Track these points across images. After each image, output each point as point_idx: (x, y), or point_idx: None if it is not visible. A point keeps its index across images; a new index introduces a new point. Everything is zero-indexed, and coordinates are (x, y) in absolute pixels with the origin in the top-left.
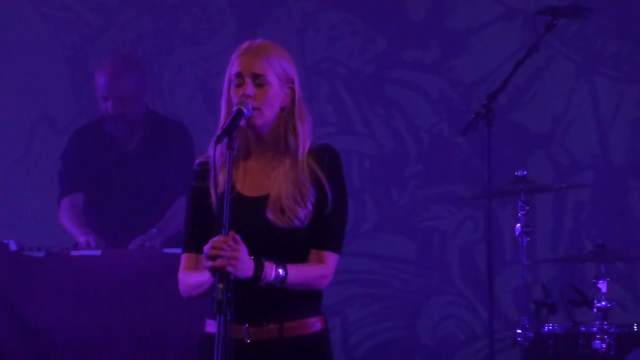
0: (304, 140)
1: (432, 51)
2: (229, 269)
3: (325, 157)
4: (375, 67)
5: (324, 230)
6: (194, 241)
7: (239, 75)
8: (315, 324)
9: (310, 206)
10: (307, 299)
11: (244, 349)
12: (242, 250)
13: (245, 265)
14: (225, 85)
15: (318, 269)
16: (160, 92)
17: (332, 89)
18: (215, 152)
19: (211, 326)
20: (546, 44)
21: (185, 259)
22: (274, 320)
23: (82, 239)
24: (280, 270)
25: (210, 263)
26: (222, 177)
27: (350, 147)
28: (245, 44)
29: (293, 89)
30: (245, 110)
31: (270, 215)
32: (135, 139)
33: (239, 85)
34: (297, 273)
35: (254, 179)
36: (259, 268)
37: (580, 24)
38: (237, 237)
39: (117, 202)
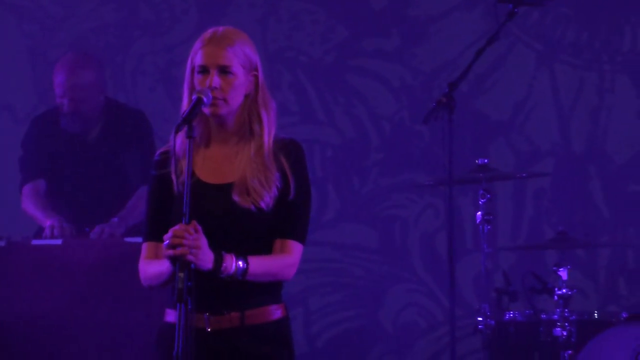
0: (269, 126)
1: (393, 39)
2: (190, 257)
3: (293, 153)
4: (337, 55)
5: (288, 220)
6: (154, 230)
7: (203, 66)
8: (276, 311)
9: (275, 190)
10: (267, 287)
11: (205, 337)
12: (203, 240)
13: (205, 256)
14: (187, 74)
15: (282, 259)
16: (122, 82)
17: (294, 77)
18: (175, 141)
19: (170, 315)
20: (507, 32)
21: (146, 247)
22: (235, 309)
23: (47, 223)
24: (241, 263)
25: (170, 252)
26: (182, 166)
27: (312, 136)
28: (209, 33)
29: (256, 76)
30: (204, 99)
31: (236, 197)
32: (95, 129)
33: (204, 76)
34: (258, 264)
35: (216, 166)
36: (218, 260)
37: (540, 12)
38: (199, 227)
39: (77, 191)
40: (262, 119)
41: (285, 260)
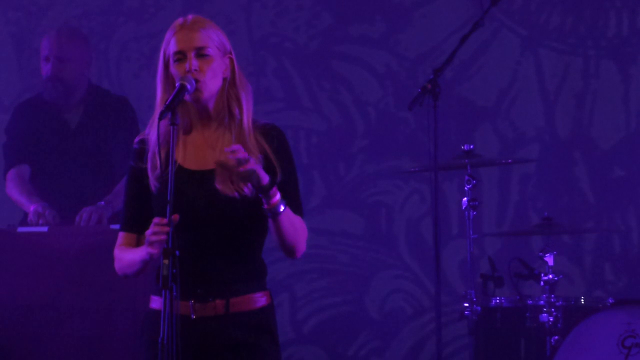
0: (247, 107)
1: (378, 25)
2: (252, 167)
3: (274, 135)
4: (322, 42)
5: (288, 200)
6: (131, 220)
7: (180, 52)
8: (260, 298)
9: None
10: (252, 274)
11: (190, 324)
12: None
13: (262, 173)
14: (160, 65)
15: (302, 223)
16: (106, 69)
17: (279, 64)
18: (158, 130)
19: (155, 302)
20: (491, 17)
21: (122, 236)
22: (219, 296)
23: (31, 208)
24: (282, 204)
25: (154, 238)
26: (162, 155)
27: (298, 123)
28: (179, 21)
29: (232, 60)
30: (188, 86)
31: (219, 185)
32: (77, 114)
33: (181, 62)
34: (291, 214)
35: (197, 152)
36: (272, 181)
37: None
38: (244, 153)
39: (61, 177)
40: (242, 101)
41: (303, 225)
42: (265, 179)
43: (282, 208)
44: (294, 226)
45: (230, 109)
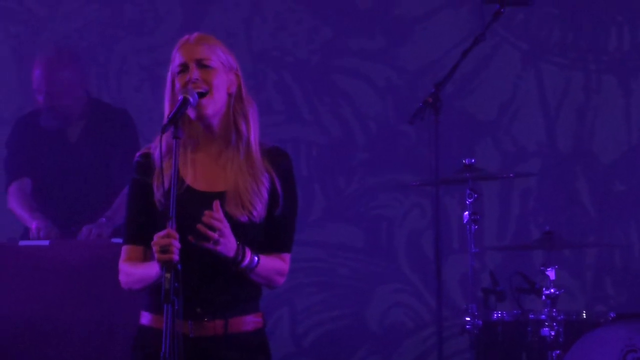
0: (254, 125)
1: (379, 39)
2: (214, 246)
3: (281, 161)
4: (322, 55)
5: (279, 234)
6: (135, 233)
7: (183, 64)
8: (256, 319)
9: (265, 194)
10: (250, 296)
11: (188, 343)
12: (228, 228)
13: (229, 244)
14: (168, 83)
15: (279, 265)
16: (106, 82)
17: (279, 77)
18: (161, 143)
19: (145, 318)
20: (493, 32)
21: (126, 250)
22: (219, 317)
23: (33, 225)
24: (255, 258)
25: (164, 256)
26: (167, 172)
27: (298, 136)
28: (184, 38)
29: (238, 76)
30: (191, 99)
31: (230, 209)
32: (78, 128)
33: (183, 73)
34: (265, 264)
35: (206, 173)
36: (239, 252)
37: (526, 12)
38: (222, 215)
39: (63, 192)
40: (249, 117)
41: (281, 266)
42: (229, 252)
43: (254, 264)
44: (268, 273)
45: (237, 125)
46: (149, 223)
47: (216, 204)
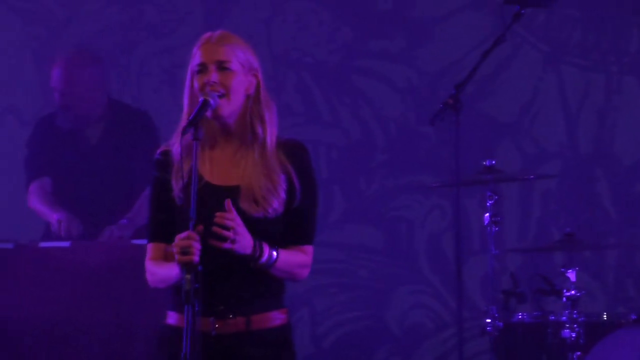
0: (271, 127)
1: (399, 40)
2: (230, 245)
3: (297, 153)
4: (342, 57)
5: (299, 225)
6: (159, 231)
7: (202, 64)
8: (279, 316)
9: (282, 193)
10: (273, 292)
11: (211, 341)
12: (243, 226)
13: (245, 241)
14: (187, 80)
15: (301, 257)
16: (126, 84)
17: (299, 79)
18: (181, 144)
19: (172, 318)
20: (513, 33)
21: (151, 248)
22: (241, 314)
23: (54, 217)
24: (274, 253)
25: (184, 258)
26: (186, 168)
27: (318, 137)
28: (206, 35)
29: (257, 77)
30: (211, 101)
31: (244, 205)
32: (98, 129)
33: (202, 74)
34: (285, 258)
35: (221, 168)
36: (257, 246)
37: (546, 13)
38: (235, 213)
39: (83, 193)
40: (265, 119)
41: (303, 259)
42: (246, 249)
43: (273, 259)
44: (290, 268)
45: (253, 127)
46: (171, 220)
47: (228, 202)
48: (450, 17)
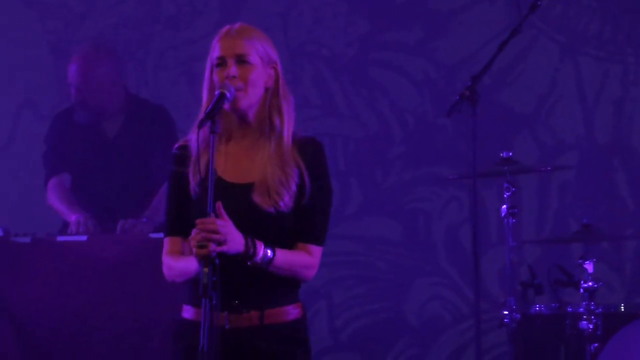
0: (289, 120)
1: (415, 32)
2: (222, 247)
3: (309, 149)
4: (359, 49)
5: (308, 224)
6: (176, 225)
7: (221, 57)
8: (294, 310)
9: (294, 186)
10: (287, 286)
11: (224, 335)
12: (231, 226)
13: (236, 240)
14: (207, 72)
15: (304, 258)
16: (143, 77)
17: (316, 71)
18: (198, 137)
19: (187, 312)
20: (530, 25)
21: (168, 242)
22: (255, 308)
23: (72, 218)
24: (269, 251)
25: (203, 251)
26: (203, 162)
27: (335, 130)
28: (226, 28)
29: (276, 70)
30: (228, 94)
31: (257, 199)
32: (116, 124)
33: (222, 67)
34: (284, 258)
35: (236, 164)
36: (249, 245)
37: (563, 4)
38: (224, 213)
39: (101, 188)
40: (283, 112)
41: (307, 260)
42: (239, 247)
43: (268, 258)
44: (290, 267)
45: (271, 120)
46: (188, 214)
47: (219, 205)
48: (467, 9)
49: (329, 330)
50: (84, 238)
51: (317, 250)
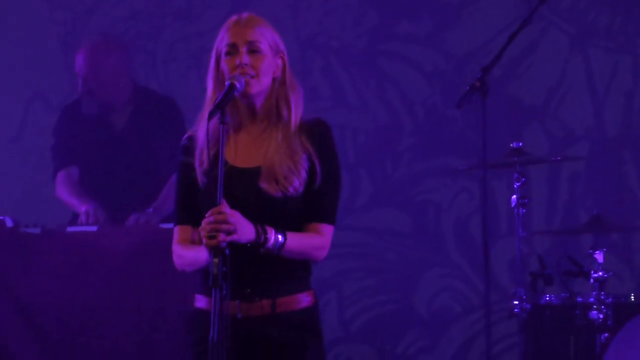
0: (296, 110)
1: (425, 24)
2: (233, 236)
3: (316, 130)
4: (369, 40)
5: (318, 204)
6: (185, 214)
7: (232, 45)
8: (305, 298)
9: (304, 173)
10: (298, 274)
11: (236, 324)
12: (238, 215)
13: (246, 228)
14: (212, 62)
15: (315, 239)
16: (153, 69)
17: (326, 63)
18: (208, 128)
19: (200, 301)
20: (540, 16)
21: (178, 231)
22: (266, 296)
23: (82, 209)
24: (280, 236)
25: (213, 242)
26: (211, 152)
27: (344, 121)
28: (234, 17)
29: (284, 60)
30: (238, 85)
31: (264, 185)
32: (124, 116)
33: (232, 55)
34: (295, 241)
35: (245, 150)
36: (259, 232)
37: None
38: (226, 205)
39: (109, 180)
40: (291, 102)
41: (318, 241)
42: (249, 235)
43: (279, 243)
44: (302, 249)
45: (279, 109)
46: (196, 202)
47: (223, 203)
48: (477, 0)
49: (338, 322)
50: (94, 229)
51: (328, 230)
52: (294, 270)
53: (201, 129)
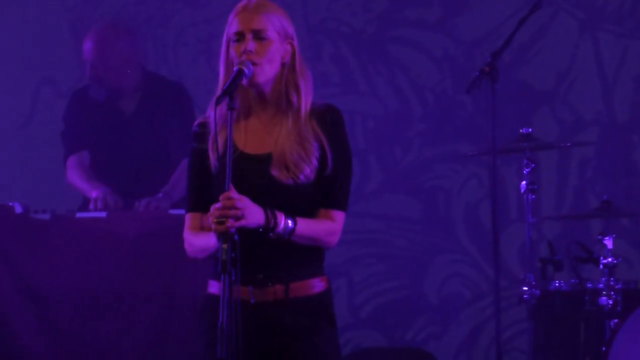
0: (306, 96)
1: (435, 9)
2: (241, 222)
3: (327, 116)
4: (378, 26)
5: (329, 190)
6: (197, 201)
7: (239, 33)
8: (319, 283)
9: (315, 161)
10: (311, 259)
11: (249, 309)
12: (247, 200)
13: (255, 213)
14: (223, 47)
15: (327, 225)
16: (163, 55)
17: (335, 48)
18: (215, 113)
19: (213, 287)
20: (549, 1)
21: (189, 218)
22: (279, 282)
23: (94, 194)
24: (290, 221)
25: (221, 228)
26: (222, 138)
27: (354, 107)
28: (243, 2)
29: (293, 46)
30: (246, 70)
31: (275, 172)
32: (133, 102)
33: (239, 42)
34: (306, 226)
35: (256, 136)
36: (269, 216)
37: None
38: (234, 191)
39: (119, 166)
40: (300, 88)
41: (329, 226)
42: (259, 220)
43: (289, 228)
44: (313, 234)
45: (288, 95)
46: (208, 189)
47: (230, 188)
48: None
49: (348, 308)
50: (103, 214)
51: (339, 216)
52: (306, 255)
53: (210, 114)
